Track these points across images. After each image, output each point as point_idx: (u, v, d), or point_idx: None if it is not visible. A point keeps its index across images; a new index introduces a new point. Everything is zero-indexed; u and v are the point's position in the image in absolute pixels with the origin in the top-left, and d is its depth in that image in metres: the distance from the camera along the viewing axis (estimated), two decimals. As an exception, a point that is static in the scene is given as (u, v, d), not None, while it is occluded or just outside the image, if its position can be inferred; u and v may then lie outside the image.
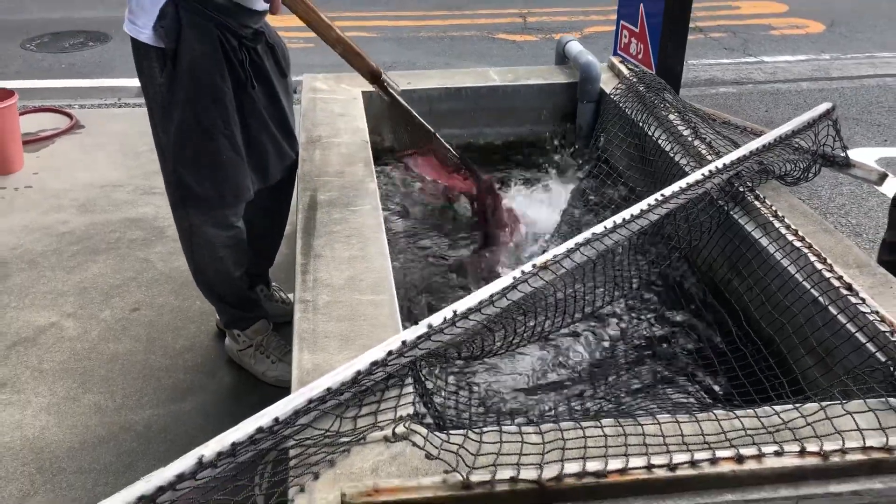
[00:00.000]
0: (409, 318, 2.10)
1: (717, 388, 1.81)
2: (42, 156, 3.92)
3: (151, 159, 3.81)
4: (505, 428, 1.35)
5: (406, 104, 2.46)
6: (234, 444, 1.27)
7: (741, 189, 2.13)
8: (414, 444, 1.30)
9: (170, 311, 2.77)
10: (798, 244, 1.88)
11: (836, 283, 1.74)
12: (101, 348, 2.59)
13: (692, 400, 1.84)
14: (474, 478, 1.22)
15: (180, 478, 1.22)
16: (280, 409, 1.34)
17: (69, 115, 4.40)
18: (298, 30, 6.91)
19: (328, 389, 1.38)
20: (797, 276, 1.83)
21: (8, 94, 3.76)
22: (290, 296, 2.73)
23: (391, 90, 2.36)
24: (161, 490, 1.20)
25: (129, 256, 3.07)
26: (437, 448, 1.29)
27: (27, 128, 4.06)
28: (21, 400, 2.36)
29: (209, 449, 1.26)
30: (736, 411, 1.39)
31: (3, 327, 2.67)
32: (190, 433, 2.19)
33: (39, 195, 3.54)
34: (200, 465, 1.24)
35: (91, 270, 2.99)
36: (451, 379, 1.69)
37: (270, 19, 2.26)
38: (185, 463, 1.24)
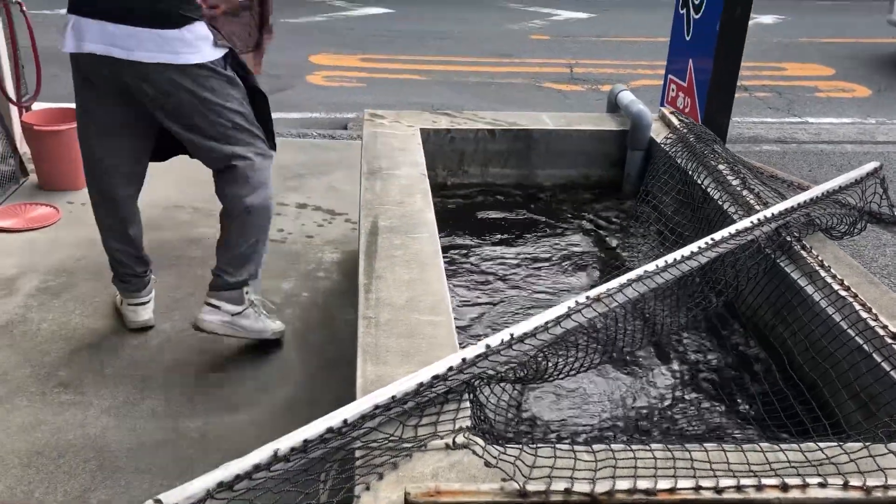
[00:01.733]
0: (465, 339, 2.18)
1: (760, 427, 1.86)
2: (107, 175, 4.11)
3: (210, 184, 3.98)
4: (559, 445, 1.43)
5: None
6: (305, 441, 1.36)
7: (788, 238, 2.20)
8: (473, 453, 1.38)
9: (225, 327, 2.88)
10: (843, 293, 1.95)
11: (881, 332, 1.79)
12: (159, 358, 2.70)
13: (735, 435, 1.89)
14: (530, 487, 1.29)
15: (256, 468, 1.31)
16: (349, 411, 1.43)
17: (134, 138, 4.60)
18: (352, 69, 7.09)
19: (393, 397, 1.47)
20: (842, 323, 1.89)
21: (82, 114, 3.96)
22: None
23: None
24: (238, 478, 1.29)
25: (188, 274, 3.21)
26: (494, 458, 1.37)
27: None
28: (84, 401, 2.47)
29: (283, 444, 1.35)
30: (781, 444, 1.45)
31: (68, 333, 2.80)
32: (244, 443, 2.26)
33: (104, 211, 3.70)
34: (275, 457, 1.33)
35: (151, 284, 3.13)
36: (504, 397, 1.76)
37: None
38: (261, 455, 1.33)
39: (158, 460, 2.26)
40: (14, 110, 4.15)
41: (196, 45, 2.35)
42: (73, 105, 4.19)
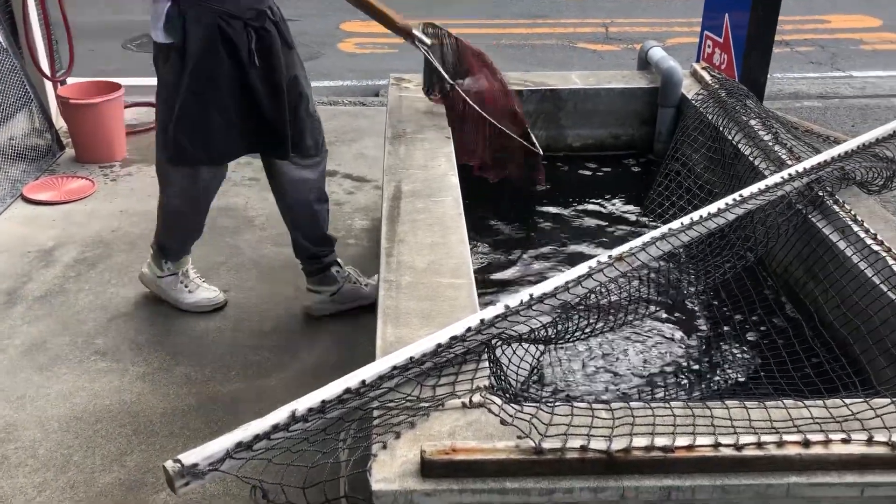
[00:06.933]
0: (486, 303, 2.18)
1: (788, 385, 1.83)
2: (141, 147, 4.15)
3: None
4: (576, 403, 1.42)
5: (432, 58, 2.79)
6: (323, 402, 1.38)
7: (821, 193, 2.14)
8: (490, 412, 1.38)
9: (257, 294, 2.92)
10: (877, 248, 1.89)
11: (915, 286, 1.74)
12: (192, 325, 2.75)
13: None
14: (546, 444, 1.28)
15: (275, 428, 1.33)
16: (366, 372, 1.44)
17: (167, 111, 4.64)
18: (383, 36, 7.00)
19: (411, 358, 1.47)
20: (874, 278, 1.84)
21: (115, 87, 4.01)
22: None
23: (419, 46, 2.76)
24: (257, 438, 1.32)
25: (219, 242, 3.25)
26: (510, 416, 1.36)
27: (128, 120, 4.31)
28: (119, 368, 2.54)
29: (301, 404, 1.37)
30: (805, 401, 1.42)
31: (104, 302, 2.87)
32: (274, 406, 2.30)
33: (139, 182, 3.76)
34: (293, 418, 1.35)
35: (185, 254, 3.17)
36: (524, 357, 1.75)
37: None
38: (279, 415, 1.35)
39: (191, 424, 2.31)
40: (49, 85, 4.22)
41: (155, 22, 2.38)
42: (107, 78, 4.25)
